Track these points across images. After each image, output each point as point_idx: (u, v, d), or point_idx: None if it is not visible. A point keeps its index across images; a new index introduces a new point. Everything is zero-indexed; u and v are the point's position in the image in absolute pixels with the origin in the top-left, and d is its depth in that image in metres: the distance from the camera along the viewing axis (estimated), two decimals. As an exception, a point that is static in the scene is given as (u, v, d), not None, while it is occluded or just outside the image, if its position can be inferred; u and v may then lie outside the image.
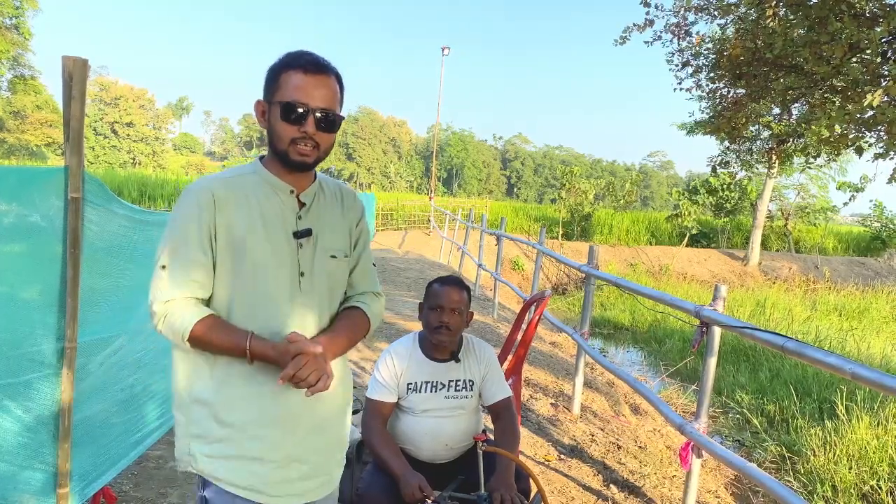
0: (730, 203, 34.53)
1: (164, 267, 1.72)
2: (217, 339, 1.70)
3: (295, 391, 1.72)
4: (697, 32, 10.07)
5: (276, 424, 1.78)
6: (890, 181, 8.68)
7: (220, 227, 1.73)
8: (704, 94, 11.37)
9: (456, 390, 2.84)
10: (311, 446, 1.85)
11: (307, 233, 1.82)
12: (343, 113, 1.85)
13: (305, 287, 1.82)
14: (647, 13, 9.56)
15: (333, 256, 1.89)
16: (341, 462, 2.01)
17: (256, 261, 1.75)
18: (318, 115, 1.72)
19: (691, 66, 10.61)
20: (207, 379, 1.77)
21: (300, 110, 1.71)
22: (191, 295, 1.73)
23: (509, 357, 4.40)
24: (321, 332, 1.85)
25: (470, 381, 2.87)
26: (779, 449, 6.67)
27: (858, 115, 7.19)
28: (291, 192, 1.82)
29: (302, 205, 1.84)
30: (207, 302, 1.78)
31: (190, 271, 1.72)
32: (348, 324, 1.92)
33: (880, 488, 5.57)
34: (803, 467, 6.20)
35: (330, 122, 1.75)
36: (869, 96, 6.64)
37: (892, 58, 7.34)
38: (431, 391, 2.81)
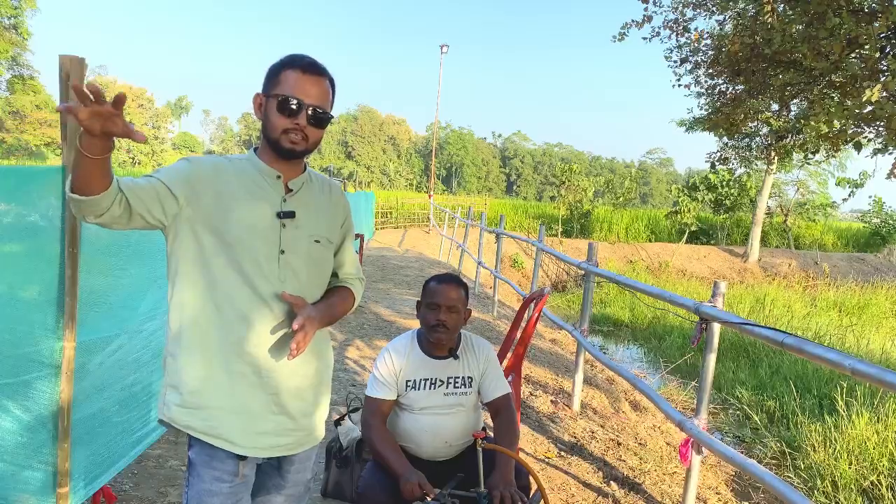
0: (729, 199, 34.51)
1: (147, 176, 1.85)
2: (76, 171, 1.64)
3: (258, 352, 1.92)
4: (696, 28, 10.07)
5: (241, 381, 1.91)
6: (889, 177, 8.68)
7: (204, 193, 1.87)
8: (703, 90, 11.37)
9: (455, 387, 2.84)
10: (280, 405, 1.97)
11: (290, 214, 1.95)
12: (336, 113, 2.03)
13: (284, 264, 1.94)
14: (646, 9, 9.56)
15: (317, 241, 2.02)
16: (319, 423, 2.13)
17: (239, 231, 1.88)
18: (310, 110, 1.88)
19: (690, 62, 10.61)
20: (182, 334, 1.90)
21: (295, 104, 1.87)
22: (128, 190, 1.73)
23: (509, 354, 4.41)
24: (318, 302, 2.03)
25: (469, 378, 2.87)
26: (779, 445, 6.67)
27: (857, 111, 7.19)
28: (278, 177, 1.96)
29: (289, 190, 1.98)
30: (190, 271, 1.91)
31: (144, 185, 1.79)
32: (338, 300, 2.10)
33: (881, 483, 5.57)
34: (803, 463, 6.20)
35: (320, 118, 1.91)
36: (868, 92, 6.63)
37: (891, 53, 7.34)
38: (430, 388, 2.81)
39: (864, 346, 11.61)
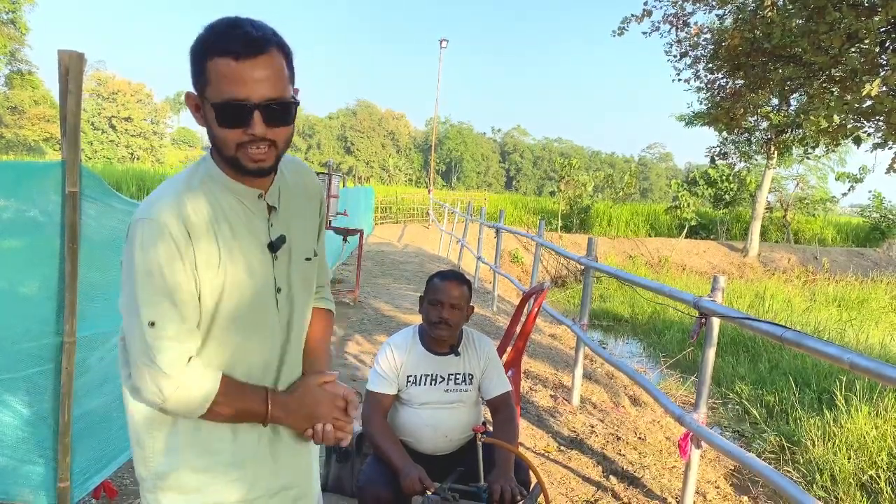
0: (729, 194, 34.53)
1: (153, 324, 1.36)
2: (237, 407, 1.45)
3: None
4: (695, 23, 10.07)
5: (257, 456, 1.55)
6: (888, 171, 8.68)
7: (199, 264, 1.41)
8: (703, 84, 11.36)
9: (455, 384, 2.84)
10: (295, 469, 1.65)
11: (282, 241, 1.53)
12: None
13: (283, 304, 1.55)
14: (646, 3, 9.56)
15: (308, 259, 1.62)
16: (318, 476, 1.82)
17: (234, 291, 1.45)
18: (263, 108, 1.35)
19: (689, 56, 10.60)
20: (174, 423, 1.48)
21: (240, 109, 1.34)
22: (194, 351, 1.41)
23: (508, 349, 4.41)
24: (313, 352, 1.69)
25: (469, 374, 2.87)
26: (778, 439, 6.69)
27: (857, 105, 7.19)
28: (259, 196, 1.50)
29: (271, 209, 1.52)
30: None
31: (189, 321, 1.40)
32: (329, 336, 1.78)
33: (879, 478, 5.59)
34: (802, 457, 6.22)
35: (281, 112, 1.38)
36: (867, 86, 6.64)
37: (891, 47, 7.33)
38: (431, 384, 2.81)
39: (863, 341, 11.64)
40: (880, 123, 8.17)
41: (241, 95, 1.32)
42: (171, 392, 1.36)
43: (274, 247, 1.51)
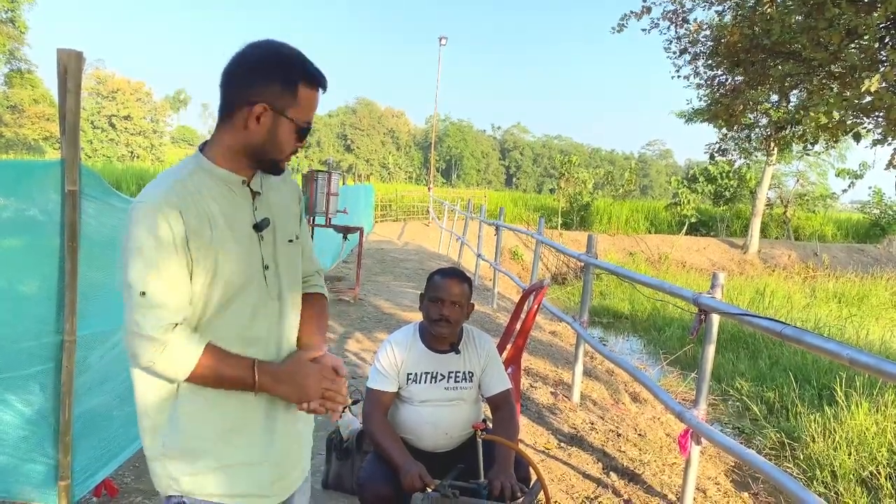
0: (729, 191, 34.52)
1: (143, 293, 1.51)
2: (222, 373, 1.57)
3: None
4: (695, 19, 10.05)
5: (255, 424, 1.66)
6: (888, 167, 8.67)
7: (191, 244, 1.55)
8: (702, 81, 11.34)
9: (455, 381, 2.85)
10: (290, 439, 1.76)
11: (266, 223, 1.70)
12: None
13: (271, 281, 1.70)
14: (645, 0, 9.53)
15: (291, 241, 1.79)
16: (308, 448, 1.90)
17: (225, 267, 1.60)
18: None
19: (689, 53, 10.57)
20: (174, 393, 1.61)
21: (309, 129, 1.68)
22: (183, 319, 1.55)
23: (508, 346, 4.42)
24: (307, 331, 1.81)
25: (469, 372, 2.88)
26: (778, 436, 6.69)
27: (856, 102, 7.18)
28: (244, 182, 1.68)
29: (255, 194, 1.70)
30: None
31: (177, 291, 1.54)
32: (324, 319, 1.89)
33: (879, 474, 5.59)
34: (803, 454, 6.23)
35: None
36: (866, 82, 6.62)
37: (890, 43, 7.32)
38: (431, 382, 2.81)
39: (863, 337, 11.64)
40: (880, 119, 8.16)
41: (312, 120, 1.66)
42: (155, 355, 1.52)
43: (259, 227, 1.68)
